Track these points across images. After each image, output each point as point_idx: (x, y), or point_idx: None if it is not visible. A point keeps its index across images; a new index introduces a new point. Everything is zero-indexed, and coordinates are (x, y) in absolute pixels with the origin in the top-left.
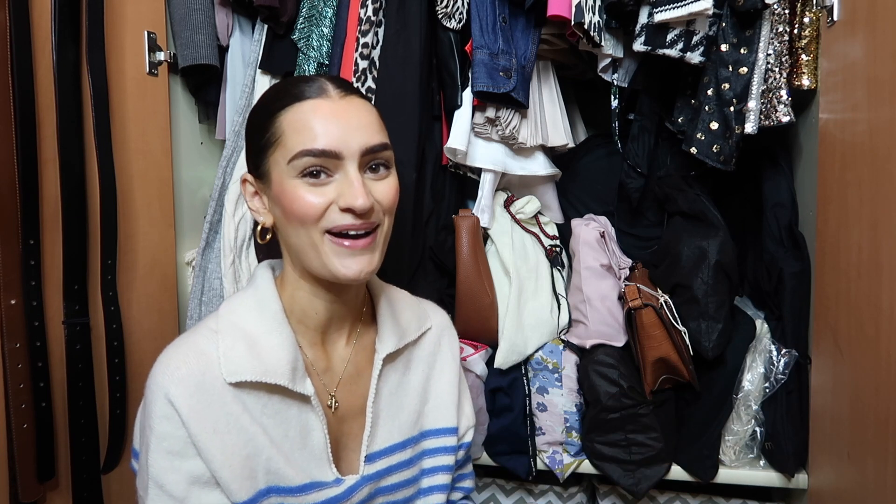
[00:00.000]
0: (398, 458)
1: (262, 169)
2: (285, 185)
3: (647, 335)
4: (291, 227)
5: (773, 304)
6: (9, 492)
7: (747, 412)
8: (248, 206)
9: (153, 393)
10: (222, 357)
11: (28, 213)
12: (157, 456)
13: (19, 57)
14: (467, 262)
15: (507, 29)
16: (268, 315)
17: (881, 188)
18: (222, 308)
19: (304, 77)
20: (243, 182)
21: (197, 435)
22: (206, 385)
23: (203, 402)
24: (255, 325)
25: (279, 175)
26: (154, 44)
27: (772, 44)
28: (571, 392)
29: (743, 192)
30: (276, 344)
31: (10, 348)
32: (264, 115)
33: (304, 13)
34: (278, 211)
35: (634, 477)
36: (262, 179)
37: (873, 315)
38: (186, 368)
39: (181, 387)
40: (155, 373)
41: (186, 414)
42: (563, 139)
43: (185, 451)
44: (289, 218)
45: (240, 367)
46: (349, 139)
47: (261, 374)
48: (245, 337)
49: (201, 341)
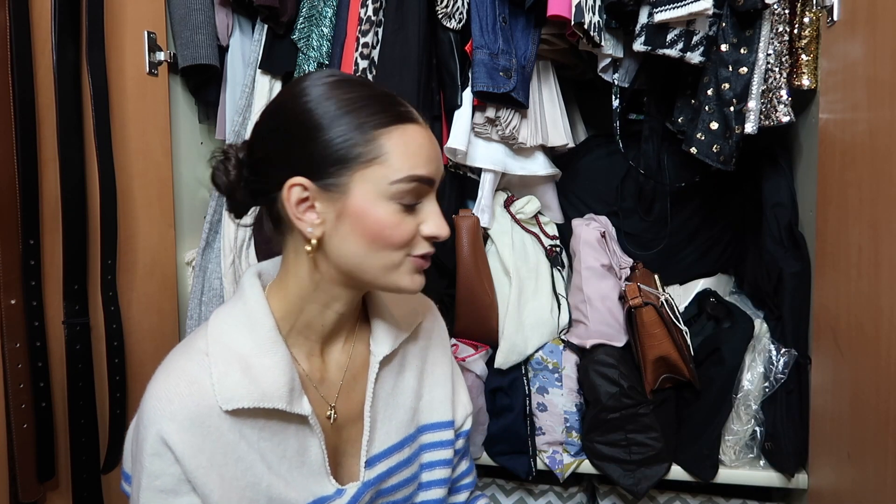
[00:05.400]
0: (397, 458)
1: (335, 180)
2: (377, 206)
3: (647, 334)
4: (366, 247)
5: (772, 303)
6: (9, 492)
7: (747, 412)
8: (291, 214)
9: (145, 428)
10: (216, 384)
11: (28, 213)
12: (148, 495)
13: (19, 57)
14: (467, 263)
15: (507, 29)
16: (261, 334)
17: (881, 188)
18: (212, 326)
19: (391, 96)
20: (292, 187)
21: (193, 471)
22: (201, 417)
23: (198, 436)
24: (247, 345)
25: (367, 193)
26: (154, 44)
27: (772, 44)
28: (571, 392)
29: (743, 192)
30: (270, 365)
31: (10, 348)
32: (353, 126)
33: (304, 13)
34: (349, 228)
35: (634, 477)
36: (329, 190)
37: (873, 315)
38: (179, 401)
39: (174, 422)
40: (146, 408)
41: (181, 450)
42: (563, 139)
43: (179, 488)
44: (370, 239)
45: (235, 394)
46: (439, 168)
47: (258, 399)
48: (238, 360)
49: (192, 368)
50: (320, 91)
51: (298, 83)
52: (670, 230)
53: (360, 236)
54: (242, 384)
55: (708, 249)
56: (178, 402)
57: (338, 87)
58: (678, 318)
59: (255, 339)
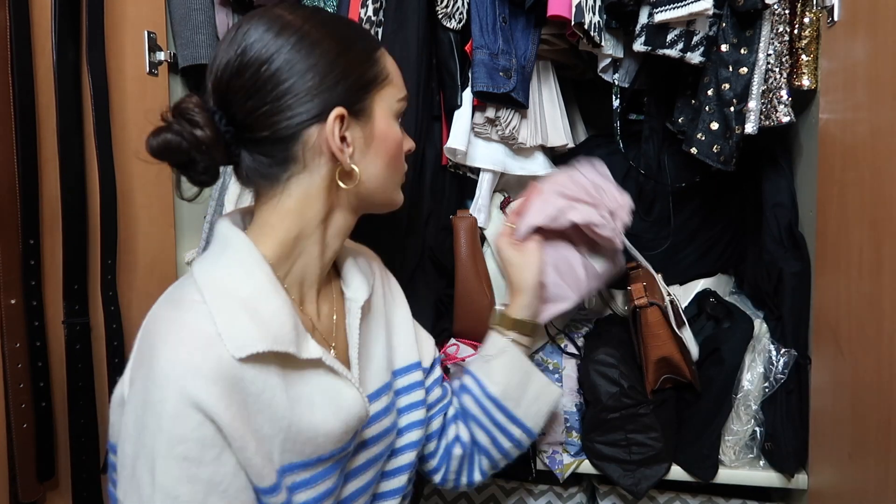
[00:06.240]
0: (376, 407)
1: (361, 105)
2: (392, 125)
3: (651, 334)
4: (384, 167)
5: (772, 303)
6: (9, 492)
7: (747, 412)
8: (335, 147)
9: (161, 388)
10: (224, 333)
11: (28, 213)
12: (168, 463)
13: (19, 57)
14: (465, 263)
15: (507, 29)
16: (260, 278)
17: (882, 188)
18: (199, 276)
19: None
20: (338, 118)
21: (228, 425)
22: (223, 368)
23: (226, 388)
24: (247, 290)
25: (384, 114)
26: (154, 44)
27: (772, 44)
28: (572, 392)
29: (743, 192)
30: (276, 308)
31: (10, 348)
32: (365, 49)
33: None
34: (374, 151)
35: (634, 477)
36: (358, 117)
37: (874, 315)
38: (200, 355)
39: (199, 377)
40: (158, 368)
41: (213, 406)
42: (562, 139)
43: (203, 455)
44: (391, 157)
45: (247, 340)
46: None
47: (271, 342)
48: (241, 304)
49: (195, 319)
50: (317, 20)
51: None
52: (671, 230)
53: (384, 156)
54: (252, 328)
55: (708, 249)
56: (200, 356)
57: (329, 17)
58: (683, 319)
59: (254, 284)
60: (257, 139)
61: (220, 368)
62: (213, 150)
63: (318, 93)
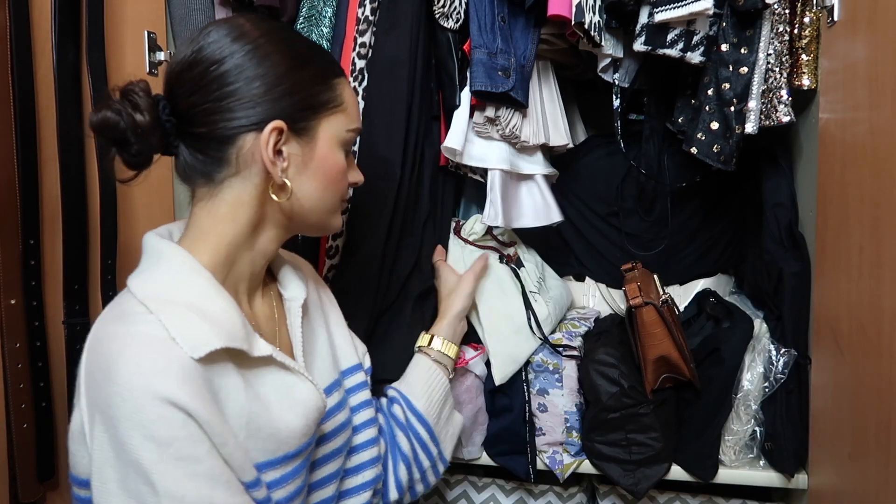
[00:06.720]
0: (330, 402)
1: (306, 124)
2: (335, 152)
3: (647, 333)
4: (321, 190)
5: (772, 303)
6: (9, 492)
7: (747, 412)
8: (266, 158)
9: (132, 400)
10: (177, 336)
11: (28, 213)
12: (165, 468)
13: (19, 57)
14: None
15: (506, 28)
16: (201, 282)
17: (882, 188)
18: (137, 290)
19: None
20: (275, 130)
21: (207, 420)
22: (188, 369)
23: (196, 388)
24: (191, 294)
25: (330, 139)
26: (154, 44)
27: (772, 44)
28: (572, 392)
29: (743, 192)
30: (223, 307)
31: (10, 348)
32: (324, 74)
33: (303, 13)
34: (311, 172)
35: (634, 477)
36: (299, 135)
37: (875, 315)
38: (163, 359)
39: (169, 378)
40: (124, 381)
41: (189, 403)
42: (563, 139)
43: (196, 450)
44: (328, 183)
45: (202, 339)
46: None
47: (225, 338)
48: (189, 308)
49: (146, 328)
50: (278, 36)
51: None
52: (671, 230)
53: (322, 178)
54: (204, 327)
55: (708, 249)
56: (163, 360)
57: (291, 34)
58: (679, 318)
59: (196, 289)
60: (196, 134)
61: (184, 369)
62: (150, 135)
63: (260, 102)
